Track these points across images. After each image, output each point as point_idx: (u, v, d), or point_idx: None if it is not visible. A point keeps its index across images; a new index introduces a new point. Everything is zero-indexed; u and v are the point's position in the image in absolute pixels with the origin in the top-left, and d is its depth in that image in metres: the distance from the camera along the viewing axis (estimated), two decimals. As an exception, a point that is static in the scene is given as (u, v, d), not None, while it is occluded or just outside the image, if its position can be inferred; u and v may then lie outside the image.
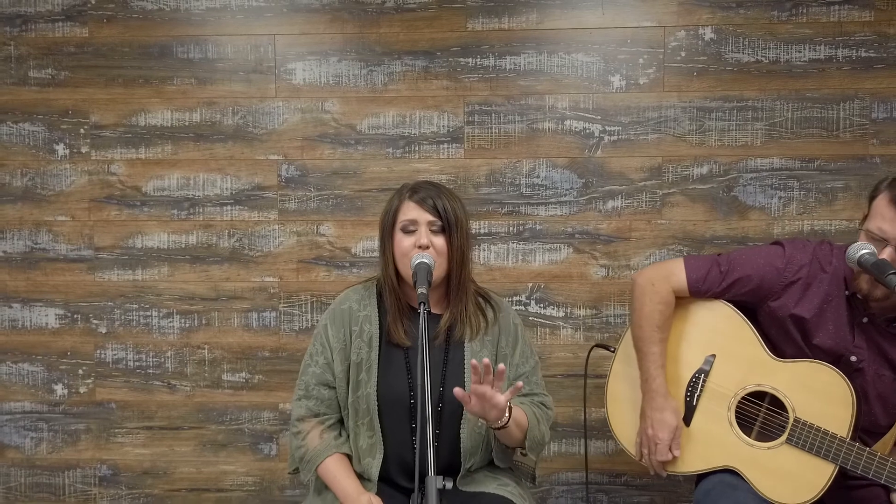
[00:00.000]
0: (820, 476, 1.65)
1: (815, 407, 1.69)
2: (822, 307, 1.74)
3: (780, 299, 1.77)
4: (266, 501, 2.51)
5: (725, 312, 1.83)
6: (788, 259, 1.77)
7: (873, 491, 1.73)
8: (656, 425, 1.77)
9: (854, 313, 1.73)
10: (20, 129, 2.50)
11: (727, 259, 1.82)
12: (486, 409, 1.51)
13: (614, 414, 1.94)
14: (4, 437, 2.55)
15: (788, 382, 1.73)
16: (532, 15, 2.40)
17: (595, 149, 2.41)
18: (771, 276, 1.77)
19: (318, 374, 1.72)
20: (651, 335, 1.81)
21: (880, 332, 1.72)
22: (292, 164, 2.46)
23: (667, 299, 1.82)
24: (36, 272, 2.52)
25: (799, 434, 1.69)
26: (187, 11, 2.45)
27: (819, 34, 2.34)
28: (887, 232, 1.59)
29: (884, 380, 1.71)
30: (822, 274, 1.75)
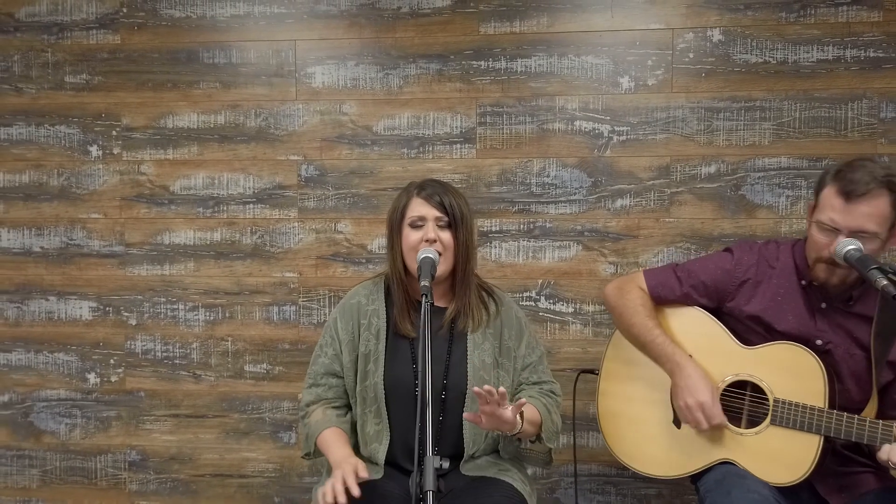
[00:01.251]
0: (808, 450, 1.71)
1: (790, 385, 1.75)
2: (776, 300, 1.81)
3: (735, 299, 1.85)
4: (285, 487, 2.61)
5: (693, 315, 1.91)
6: (736, 261, 1.87)
7: (865, 478, 1.77)
8: (693, 390, 1.77)
9: (812, 300, 1.80)
10: (56, 132, 2.64)
11: (683, 267, 1.93)
12: (499, 424, 1.60)
13: (608, 430, 2.00)
14: (41, 423, 2.69)
15: (761, 367, 1.79)
16: (542, 18, 2.46)
17: (604, 148, 2.46)
18: (722, 278, 1.87)
19: (327, 365, 1.81)
20: (645, 324, 1.87)
21: (841, 314, 1.78)
22: (311, 164, 2.56)
23: (641, 296, 1.92)
24: (71, 267, 2.66)
25: (781, 413, 1.75)
26: (213, 19, 2.57)
27: (827, 35, 2.37)
28: (838, 222, 1.66)
29: (855, 358, 1.76)
30: (771, 270, 1.84)
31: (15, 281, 2.67)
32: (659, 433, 1.91)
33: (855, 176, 1.66)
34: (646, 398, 1.94)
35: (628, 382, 1.98)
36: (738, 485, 1.68)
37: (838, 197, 1.66)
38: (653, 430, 1.92)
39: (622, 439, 1.96)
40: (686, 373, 1.79)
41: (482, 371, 1.79)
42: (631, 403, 1.96)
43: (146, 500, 2.65)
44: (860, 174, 1.66)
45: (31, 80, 2.64)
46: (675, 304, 1.93)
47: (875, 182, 1.64)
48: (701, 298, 1.90)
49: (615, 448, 1.98)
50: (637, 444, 1.93)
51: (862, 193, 1.64)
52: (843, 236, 1.65)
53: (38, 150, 2.65)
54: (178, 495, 2.64)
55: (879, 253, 1.71)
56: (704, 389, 1.76)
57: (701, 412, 1.75)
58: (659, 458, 1.90)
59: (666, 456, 1.89)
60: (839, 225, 1.66)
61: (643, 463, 1.93)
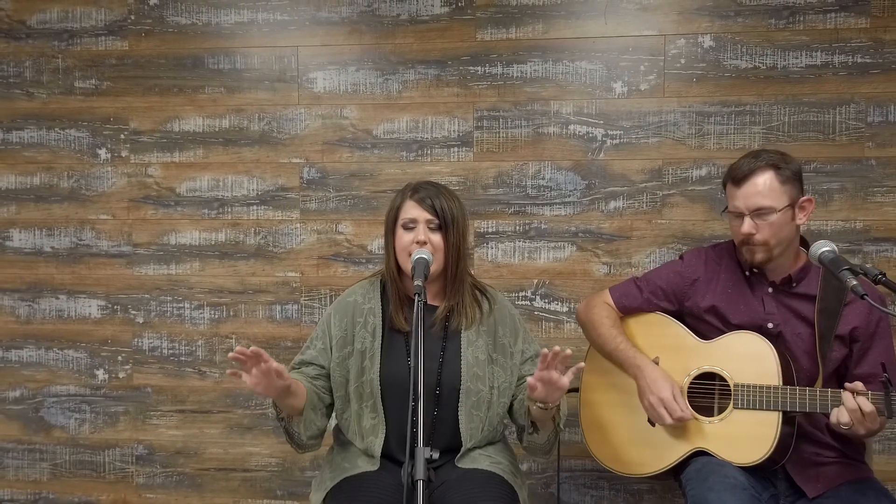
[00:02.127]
0: (769, 426, 1.81)
1: (747, 370, 1.86)
2: (728, 292, 1.95)
3: (692, 298, 1.99)
4: (287, 481, 2.68)
5: (657, 319, 2.05)
6: (686, 263, 2.05)
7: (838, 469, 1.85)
8: (653, 388, 1.88)
9: (758, 288, 1.93)
10: (67, 135, 2.73)
11: (643, 277, 2.09)
12: (551, 392, 1.64)
13: (592, 440, 2.07)
14: (51, 417, 2.77)
15: (721, 357, 1.91)
16: (538, 25, 2.53)
17: (598, 152, 2.53)
18: (676, 280, 2.03)
19: (313, 356, 1.89)
20: (610, 333, 2.00)
21: (786, 296, 1.91)
22: (313, 167, 2.63)
23: (607, 310, 2.06)
24: (80, 266, 2.74)
25: (742, 396, 1.85)
26: (218, 26, 2.65)
27: (815, 41, 2.43)
28: (738, 206, 1.84)
29: (803, 336, 1.88)
30: (718, 267, 2.00)
31: (26, 280, 2.76)
32: (635, 435, 1.99)
33: (740, 163, 1.86)
34: (621, 403, 2.02)
35: (605, 391, 2.07)
36: (716, 472, 1.76)
37: (731, 185, 1.87)
38: (630, 433, 2.00)
39: (604, 445, 2.05)
40: (645, 373, 1.91)
41: (476, 367, 1.85)
42: (608, 410, 2.05)
43: (153, 493, 2.74)
44: (744, 161, 1.86)
45: (42, 85, 2.72)
46: (640, 311, 2.06)
47: (756, 162, 1.83)
48: (661, 302, 2.04)
49: (598, 455, 2.06)
50: (617, 448, 2.02)
51: (745, 175, 1.83)
52: (749, 218, 1.81)
53: (48, 153, 2.73)
54: (183, 488, 2.72)
55: (789, 227, 1.84)
56: (664, 386, 1.87)
57: (662, 407, 1.86)
58: (637, 458, 1.98)
59: (643, 455, 1.97)
60: (739, 208, 1.84)
61: (625, 465, 2.01)
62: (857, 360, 1.87)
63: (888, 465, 2.46)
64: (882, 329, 1.85)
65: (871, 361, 1.84)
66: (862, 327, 1.84)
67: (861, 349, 1.86)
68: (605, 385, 2.06)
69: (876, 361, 1.83)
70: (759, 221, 1.81)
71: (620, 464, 2.01)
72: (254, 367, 1.61)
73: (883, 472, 2.42)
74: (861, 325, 1.84)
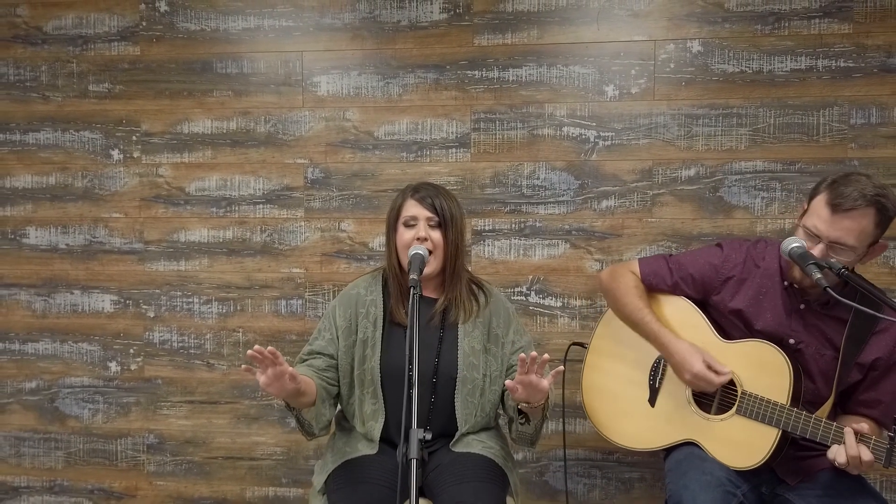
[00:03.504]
0: (766, 440, 1.84)
1: (759, 380, 1.88)
2: (758, 298, 1.92)
3: (720, 294, 1.97)
4: (292, 469, 2.79)
5: (680, 305, 2.05)
6: (725, 258, 1.99)
7: (819, 461, 1.91)
8: (685, 366, 1.88)
9: (791, 301, 1.91)
10: (81, 137, 2.84)
11: (675, 259, 2.06)
12: (531, 394, 1.72)
13: (590, 402, 2.15)
14: (66, 408, 2.89)
15: (736, 361, 1.92)
16: (533, 31, 2.63)
17: (590, 153, 2.62)
18: (710, 273, 1.99)
19: (322, 346, 1.98)
20: (636, 304, 2.01)
21: (817, 316, 1.89)
22: (317, 167, 2.74)
23: (634, 280, 2.05)
24: (94, 263, 2.85)
25: (747, 405, 1.88)
26: (226, 31, 2.75)
27: (800, 46, 2.52)
28: (822, 231, 1.75)
29: (825, 358, 1.88)
30: (756, 269, 1.95)
31: (42, 276, 2.87)
32: (633, 410, 2.06)
33: (846, 190, 1.72)
34: (626, 376, 2.09)
35: (613, 359, 2.13)
36: (696, 467, 1.82)
37: (826, 207, 1.74)
38: (628, 407, 2.07)
39: (600, 411, 2.12)
40: (672, 351, 1.92)
41: (472, 357, 1.96)
42: (612, 379, 2.11)
43: (163, 481, 2.85)
44: (851, 189, 1.72)
45: (57, 89, 2.83)
46: (665, 292, 2.06)
47: (863, 199, 1.70)
48: (688, 290, 2.01)
49: (592, 418, 2.13)
50: (612, 417, 2.09)
51: (848, 208, 1.70)
52: (823, 244, 1.74)
53: (63, 153, 2.85)
54: (192, 476, 2.83)
55: (853, 265, 1.80)
56: (694, 361, 1.87)
57: (701, 381, 1.87)
58: (630, 432, 2.06)
59: (637, 431, 2.05)
60: (821, 233, 1.74)
61: (617, 435, 2.08)
62: (868, 387, 1.87)
63: (870, 454, 2.53)
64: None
65: (882, 390, 1.86)
66: (884, 358, 1.84)
67: (876, 377, 1.86)
68: (614, 354, 2.12)
69: (885, 390, 1.85)
70: (832, 253, 1.74)
71: (611, 431, 2.09)
72: (269, 367, 1.67)
73: (865, 461, 2.52)
74: (884, 356, 1.84)
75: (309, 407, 1.87)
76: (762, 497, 1.92)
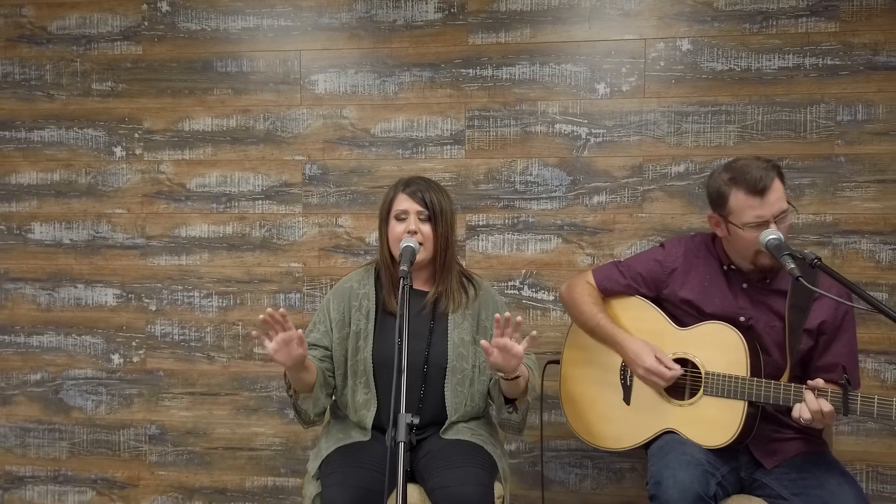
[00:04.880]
0: (735, 413, 1.92)
1: (718, 358, 1.97)
2: (704, 286, 2.04)
3: (670, 286, 2.09)
4: (290, 459, 2.85)
5: (636, 303, 2.14)
6: (667, 253, 2.13)
7: (794, 444, 1.98)
8: (637, 360, 1.99)
9: (734, 282, 2.02)
10: (85, 134, 2.90)
11: (625, 263, 2.18)
12: (507, 359, 1.78)
13: (570, 413, 2.21)
14: (70, 399, 2.95)
15: (694, 345, 2.02)
16: (526, 30, 2.68)
17: (582, 149, 2.68)
18: (656, 269, 2.12)
19: (317, 338, 2.05)
20: (592, 311, 2.11)
21: (760, 292, 2.00)
22: (315, 164, 2.80)
23: (589, 289, 2.16)
24: (97, 257, 2.92)
25: (712, 384, 1.96)
26: (226, 31, 2.81)
27: (788, 44, 2.56)
28: (765, 214, 1.86)
29: (776, 329, 1.97)
30: (697, 260, 2.08)
31: (47, 270, 2.94)
32: (611, 411, 2.13)
33: (754, 174, 1.87)
34: (599, 380, 2.16)
35: (584, 366, 2.21)
36: (676, 449, 1.90)
37: (752, 197, 1.87)
38: (606, 409, 2.14)
39: (580, 419, 2.19)
40: (626, 347, 2.03)
41: (461, 347, 2.01)
42: (586, 386, 2.19)
43: (164, 471, 2.91)
44: (755, 171, 1.87)
45: (61, 88, 2.90)
46: (621, 294, 2.16)
47: (767, 170, 1.87)
48: (641, 288, 2.13)
49: (575, 427, 2.20)
50: (593, 423, 2.16)
51: (768, 185, 1.86)
52: (772, 224, 1.85)
53: (67, 151, 2.91)
54: (193, 466, 2.89)
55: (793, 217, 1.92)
56: (646, 356, 1.98)
57: (652, 375, 1.97)
58: (612, 433, 2.12)
59: (617, 431, 2.11)
60: (766, 217, 1.86)
61: (599, 439, 2.15)
62: (822, 352, 1.96)
63: (856, 445, 2.59)
64: (847, 323, 1.95)
65: (834, 353, 1.95)
66: (829, 321, 1.93)
67: (826, 341, 1.95)
68: (584, 361, 2.20)
69: (838, 353, 1.93)
70: (781, 226, 1.87)
71: (594, 437, 2.15)
72: (279, 331, 1.74)
73: (851, 451, 2.58)
74: (828, 319, 1.93)
75: (308, 392, 1.93)
76: (742, 481, 1.97)
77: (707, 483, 1.80)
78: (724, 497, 1.91)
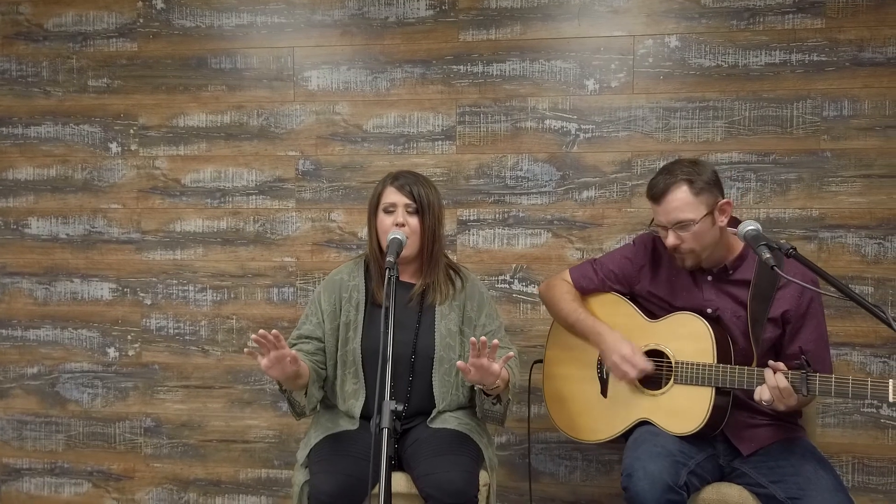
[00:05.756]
0: (704, 400, 1.96)
1: (686, 348, 2.01)
2: (671, 280, 2.09)
3: (641, 282, 2.15)
4: (284, 452, 2.88)
5: (610, 299, 2.20)
6: (636, 250, 2.19)
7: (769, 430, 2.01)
8: (615, 348, 2.03)
9: (698, 276, 2.06)
10: (81, 130, 2.94)
11: (599, 261, 2.24)
12: (484, 376, 1.82)
13: (554, 411, 2.26)
14: (66, 392, 2.99)
15: (665, 336, 2.06)
16: (516, 27, 2.71)
17: (572, 145, 2.70)
18: (627, 266, 2.18)
19: (310, 330, 2.08)
20: (571, 307, 2.16)
21: (724, 283, 2.04)
22: (308, 160, 2.83)
23: (567, 287, 2.21)
24: (93, 252, 2.95)
25: (682, 373, 2.01)
26: (220, 28, 2.85)
27: (774, 40, 2.59)
28: (660, 220, 1.97)
29: (741, 319, 2.01)
30: (663, 255, 2.11)
31: (43, 265, 2.97)
32: (590, 405, 2.17)
33: (656, 180, 1.96)
34: (578, 376, 2.20)
35: (564, 364, 2.25)
36: (648, 440, 1.94)
37: (651, 202, 1.99)
38: (585, 403, 2.18)
39: (563, 414, 2.24)
40: (605, 337, 2.07)
41: (448, 338, 2.04)
42: (567, 382, 2.23)
43: (160, 463, 2.94)
44: (660, 178, 1.95)
45: (58, 84, 2.93)
46: (596, 292, 2.21)
47: (671, 178, 1.93)
48: (615, 285, 2.19)
49: (558, 422, 2.25)
50: (573, 417, 2.20)
51: (662, 193, 1.93)
52: (671, 231, 1.93)
53: (64, 146, 2.95)
54: (188, 458, 2.93)
55: (712, 232, 1.95)
56: (624, 345, 2.03)
57: (626, 363, 2.00)
58: (591, 426, 2.16)
59: (596, 424, 2.15)
60: (661, 223, 1.96)
61: (580, 432, 2.19)
62: (789, 340, 1.99)
63: (843, 437, 2.61)
64: (813, 310, 1.98)
65: (802, 340, 1.97)
66: (793, 310, 1.96)
67: (793, 329, 1.98)
68: (565, 359, 2.25)
69: (806, 339, 1.97)
70: (682, 233, 1.93)
71: (576, 431, 2.20)
72: (272, 350, 1.77)
73: (837, 444, 2.61)
74: (792, 307, 1.96)
75: (301, 389, 1.96)
76: (721, 468, 2.01)
77: (677, 473, 1.84)
78: (700, 486, 1.95)
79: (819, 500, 1.78)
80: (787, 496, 1.84)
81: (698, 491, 1.96)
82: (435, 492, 1.81)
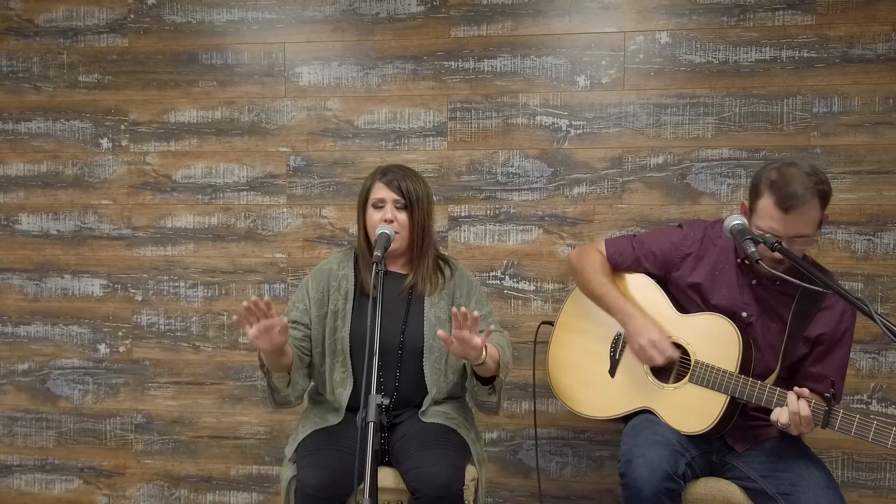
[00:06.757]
0: (716, 405, 1.94)
1: (710, 350, 1.98)
2: (714, 274, 2.03)
3: (680, 270, 2.07)
4: (275, 448, 2.88)
5: (642, 282, 2.15)
6: (684, 236, 2.10)
7: (766, 430, 2.01)
8: (643, 331, 1.97)
9: (744, 277, 2.01)
10: (71, 126, 2.93)
11: (639, 239, 2.16)
12: (466, 350, 1.81)
13: (554, 374, 2.25)
14: (57, 388, 2.98)
15: (690, 333, 2.02)
16: (507, 23, 2.71)
17: (563, 141, 2.71)
18: (670, 250, 2.09)
19: (297, 316, 2.08)
20: (600, 280, 2.11)
21: (768, 291, 1.99)
22: (299, 156, 2.83)
23: (600, 259, 2.16)
24: (84, 248, 2.95)
25: (699, 373, 1.98)
26: (211, 24, 2.84)
27: (765, 37, 2.59)
28: (779, 231, 1.82)
29: (772, 330, 1.98)
30: (713, 247, 2.05)
31: (34, 260, 2.97)
32: (594, 380, 2.15)
33: (790, 189, 1.79)
34: (589, 349, 2.19)
35: (577, 334, 2.23)
36: (648, 429, 1.92)
37: (776, 209, 1.81)
38: (589, 378, 2.17)
39: (563, 382, 2.22)
40: (635, 319, 2.01)
41: (437, 326, 2.04)
42: (575, 352, 2.21)
43: (151, 459, 2.94)
44: (794, 187, 1.79)
45: (48, 80, 2.93)
46: (628, 270, 2.15)
47: (808, 193, 1.79)
48: (651, 267, 2.11)
49: (556, 389, 2.23)
50: (574, 388, 2.19)
51: (798, 206, 1.79)
52: (784, 242, 1.80)
53: (54, 142, 2.94)
54: (179, 454, 2.92)
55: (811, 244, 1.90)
56: (653, 329, 1.98)
57: (654, 348, 1.95)
58: (591, 401, 2.15)
59: (597, 400, 2.14)
60: (779, 233, 1.81)
61: (579, 404, 2.18)
62: (814, 361, 1.96)
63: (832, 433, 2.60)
64: (845, 339, 1.95)
65: (827, 365, 1.95)
66: (828, 334, 1.93)
67: (821, 353, 1.95)
68: (579, 329, 2.22)
69: (831, 365, 1.94)
70: (792, 245, 1.82)
71: (573, 401, 2.18)
72: (261, 318, 1.75)
73: (827, 440, 2.60)
74: (828, 332, 1.93)
75: (282, 370, 1.95)
76: (712, 464, 2.01)
77: (676, 462, 1.83)
78: (693, 478, 1.95)
79: (810, 497, 1.78)
80: (779, 492, 1.84)
81: (691, 483, 1.95)
82: (421, 485, 1.81)
